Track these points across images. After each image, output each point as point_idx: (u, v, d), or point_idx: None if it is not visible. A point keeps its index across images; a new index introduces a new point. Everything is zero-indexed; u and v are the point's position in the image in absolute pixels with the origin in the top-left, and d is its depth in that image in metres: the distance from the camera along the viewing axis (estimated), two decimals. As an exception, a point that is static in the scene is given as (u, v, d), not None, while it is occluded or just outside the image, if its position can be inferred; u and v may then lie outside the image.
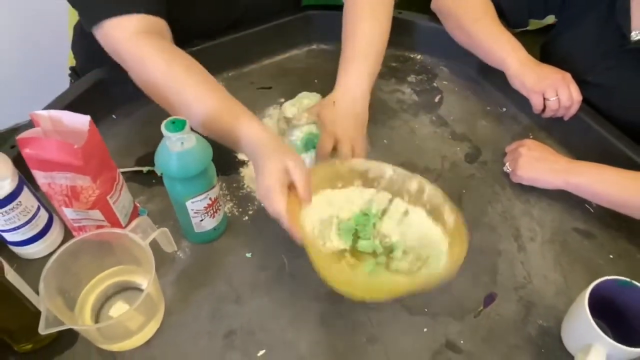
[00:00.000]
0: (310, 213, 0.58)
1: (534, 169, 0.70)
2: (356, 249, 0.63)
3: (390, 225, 0.64)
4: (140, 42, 0.62)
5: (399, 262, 0.61)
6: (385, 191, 0.64)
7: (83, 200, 0.55)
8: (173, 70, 0.62)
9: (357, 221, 0.64)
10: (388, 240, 0.63)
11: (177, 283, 0.61)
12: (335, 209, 0.64)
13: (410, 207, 0.63)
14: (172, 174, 0.53)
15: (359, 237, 0.64)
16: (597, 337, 0.50)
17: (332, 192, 0.63)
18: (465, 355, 0.56)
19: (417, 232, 0.62)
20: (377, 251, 0.63)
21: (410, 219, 0.63)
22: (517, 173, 0.71)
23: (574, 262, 0.64)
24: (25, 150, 0.50)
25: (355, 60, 0.72)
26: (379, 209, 0.64)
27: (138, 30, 0.62)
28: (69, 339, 0.56)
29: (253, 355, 0.56)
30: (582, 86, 0.73)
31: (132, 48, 0.62)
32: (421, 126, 0.81)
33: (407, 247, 0.62)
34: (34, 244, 0.60)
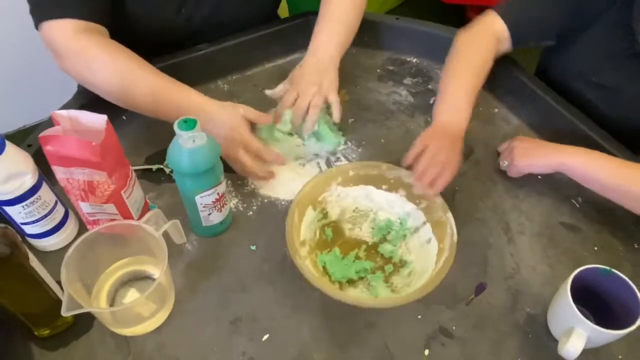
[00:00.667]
0: (347, 197, 0.66)
1: (529, 156, 0.72)
2: (376, 248, 0.68)
3: (415, 244, 0.67)
4: (79, 38, 0.68)
5: (400, 278, 0.65)
6: (423, 212, 0.66)
7: (99, 194, 0.59)
8: (116, 59, 0.69)
9: (393, 226, 0.69)
10: (406, 256, 0.67)
11: (186, 273, 0.65)
12: (375, 205, 0.69)
13: (433, 237, 0.64)
14: (183, 170, 0.57)
15: (385, 240, 0.68)
16: (578, 321, 0.54)
17: (376, 191, 0.69)
18: (457, 341, 0.60)
19: (427, 263, 0.63)
20: (393, 260, 0.67)
21: (429, 248, 0.64)
22: (514, 163, 0.72)
23: (561, 254, 0.68)
24: (46, 148, 0.54)
25: (326, 29, 0.79)
26: (412, 225, 0.68)
27: (74, 30, 0.68)
28: (85, 325, 0.59)
29: (258, 339, 0.59)
30: (586, 86, 0.75)
31: (70, 44, 0.68)
32: (417, 126, 0.85)
33: (414, 270, 0.64)
34: (51, 236, 0.64)
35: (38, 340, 0.58)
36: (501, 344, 0.59)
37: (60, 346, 0.58)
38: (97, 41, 0.69)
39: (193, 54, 0.87)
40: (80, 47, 0.68)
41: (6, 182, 0.54)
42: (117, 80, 0.69)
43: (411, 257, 0.66)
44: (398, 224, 0.69)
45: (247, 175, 0.74)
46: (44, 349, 0.58)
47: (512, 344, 0.59)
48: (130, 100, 0.70)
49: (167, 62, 0.84)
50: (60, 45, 0.68)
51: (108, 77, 0.69)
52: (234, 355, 0.58)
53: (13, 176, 0.55)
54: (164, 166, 0.76)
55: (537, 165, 0.72)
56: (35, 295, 0.53)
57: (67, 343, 0.58)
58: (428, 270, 0.61)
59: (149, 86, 0.69)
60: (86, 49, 0.68)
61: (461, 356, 0.58)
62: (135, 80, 0.69)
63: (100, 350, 0.58)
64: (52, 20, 0.68)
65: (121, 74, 0.69)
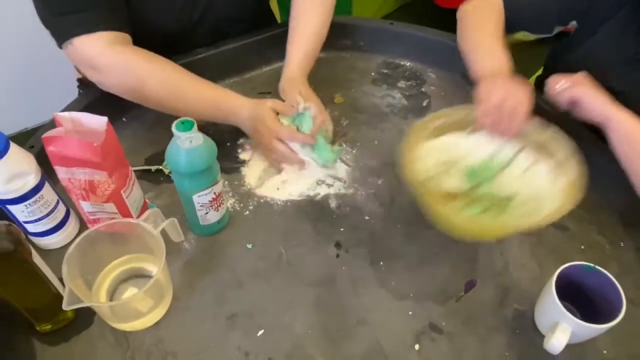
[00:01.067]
0: (429, 155, 0.64)
1: (594, 89, 0.68)
2: (475, 193, 0.66)
3: (513, 175, 0.65)
4: (116, 50, 0.71)
5: (513, 211, 0.63)
6: (515, 141, 0.65)
7: (99, 194, 0.61)
8: (163, 68, 0.73)
9: (482, 167, 0.67)
10: (508, 189, 0.65)
11: (183, 271, 0.67)
12: (461, 151, 0.68)
13: (536, 159, 0.64)
14: (181, 169, 0.59)
15: (480, 182, 0.66)
16: (563, 316, 0.55)
17: (461, 136, 0.67)
18: (446, 336, 0.61)
19: (538, 185, 0.62)
20: (494, 197, 0.65)
21: (535, 170, 0.63)
22: (577, 85, 0.69)
23: (549, 253, 0.70)
24: (49, 148, 0.56)
25: (296, 46, 0.84)
26: (505, 157, 0.66)
27: (107, 43, 0.70)
28: (85, 321, 0.61)
29: (253, 335, 0.61)
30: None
31: (110, 57, 0.70)
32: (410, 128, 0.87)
33: (524, 199, 0.63)
34: (52, 235, 0.66)
35: (40, 336, 0.60)
36: (489, 339, 0.61)
37: (62, 341, 0.60)
38: (136, 51, 0.72)
39: (193, 57, 0.89)
40: (122, 58, 0.70)
41: (10, 181, 0.56)
42: (168, 87, 0.73)
43: (514, 189, 0.65)
44: (489, 161, 0.67)
45: (281, 163, 0.76)
46: (46, 344, 0.59)
47: (500, 339, 0.61)
48: (180, 106, 0.74)
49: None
50: (99, 59, 0.70)
51: (158, 85, 0.72)
52: (229, 350, 0.60)
53: (16, 176, 0.57)
54: (162, 167, 0.78)
55: (588, 103, 0.68)
56: (37, 291, 0.55)
57: (68, 338, 0.60)
58: (543, 190, 0.61)
59: (197, 92, 0.75)
60: (129, 59, 0.71)
61: (450, 351, 0.60)
62: (185, 87, 0.74)
63: (100, 345, 0.59)
64: (81, 36, 0.69)
65: (171, 81, 0.73)
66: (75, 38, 0.69)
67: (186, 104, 0.75)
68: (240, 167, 0.79)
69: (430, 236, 0.71)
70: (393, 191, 0.77)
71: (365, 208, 0.74)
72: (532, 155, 0.64)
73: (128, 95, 0.74)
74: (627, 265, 0.68)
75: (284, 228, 0.72)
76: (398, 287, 0.66)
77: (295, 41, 0.84)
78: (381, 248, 0.70)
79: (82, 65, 0.72)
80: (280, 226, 0.72)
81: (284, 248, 0.69)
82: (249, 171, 0.79)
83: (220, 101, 0.76)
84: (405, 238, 0.71)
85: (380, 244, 0.70)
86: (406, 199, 0.76)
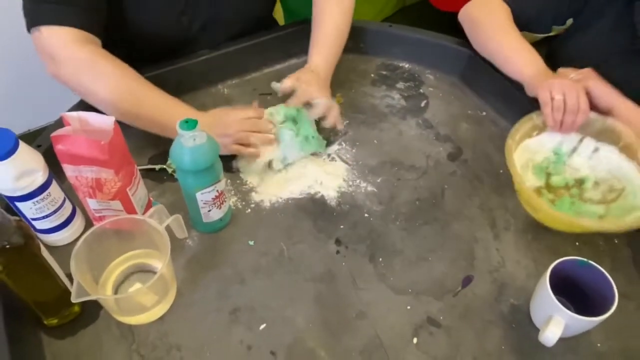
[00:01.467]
0: (515, 162, 0.70)
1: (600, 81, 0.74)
2: (551, 184, 0.75)
3: (581, 160, 0.75)
4: (80, 47, 0.71)
5: (591, 192, 0.73)
6: (576, 132, 0.74)
7: (106, 191, 0.62)
8: (123, 72, 0.73)
9: (549, 160, 0.76)
10: (578, 174, 0.75)
11: (187, 267, 0.68)
12: (530, 153, 0.76)
13: (600, 145, 0.73)
14: (185, 167, 0.60)
15: (550, 174, 0.75)
16: (556, 309, 0.57)
17: (529, 140, 0.76)
18: (444, 329, 0.63)
19: (608, 166, 0.73)
20: (569, 184, 0.74)
21: (600, 155, 0.74)
22: (586, 78, 0.74)
23: (544, 249, 0.71)
24: (57, 146, 0.58)
25: (320, 45, 0.86)
26: (569, 147, 0.75)
27: (74, 39, 0.71)
28: (92, 315, 0.63)
29: (255, 329, 0.62)
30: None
31: (71, 51, 0.71)
32: (408, 128, 0.89)
33: (598, 179, 0.73)
34: (59, 231, 0.67)
35: (47, 329, 0.61)
36: (486, 333, 0.63)
37: (68, 335, 0.61)
38: (102, 52, 0.73)
39: (195, 59, 0.91)
40: (84, 56, 0.71)
41: (19, 179, 0.58)
42: (123, 91, 0.72)
43: (585, 171, 0.75)
44: (553, 155, 0.76)
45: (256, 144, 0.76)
46: (53, 337, 0.61)
47: (496, 332, 0.63)
48: (132, 111, 0.73)
49: (170, 67, 0.88)
50: (60, 51, 0.71)
51: (114, 88, 0.72)
52: (232, 343, 0.61)
53: (25, 173, 0.59)
54: (166, 166, 0.79)
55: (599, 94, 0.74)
56: (46, 284, 0.56)
57: (75, 332, 0.61)
58: (622, 168, 0.71)
59: (152, 99, 0.74)
60: (91, 58, 0.71)
61: (448, 344, 0.62)
62: (140, 93, 0.73)
63: (106, 338, 0.61)
64: (52, 25, 0.70)
65: (129, 87, 0.72)
66: (45, 26, 0.70)
67: (139, 110, 0.73)
68: (240, 166, 0.81)
69: (427, 233, 0.73)
70: (392, 189, 0.78)
71: (365, 206, 0.76)
72: (594, 143, 0.74)
73: (80, 92, 0.74)
74: (620, 261, 0.70)
75: (285, 225, 0.73)
76: (396, 283, 0.67)
77: (319, 40, 0.85)
78: (380, 244, 0.71)
79: (43, 54, 0.72)
80: (282, 223, 0.74)
81: (285, 245, 0.71)
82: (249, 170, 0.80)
83: (174, 111, 0.74)
84: (403, 235, 0.73)
85: (379, 241, 0.72)
86: (404, 197, 0.77)
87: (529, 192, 0.66)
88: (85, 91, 0.74)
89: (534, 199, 0.66)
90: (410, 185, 0.79)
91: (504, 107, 0.89)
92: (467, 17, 0.91)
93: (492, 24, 0.87)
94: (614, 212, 0.70)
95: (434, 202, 0.77)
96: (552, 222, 0.69)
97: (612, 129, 0.73)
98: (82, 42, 0.72)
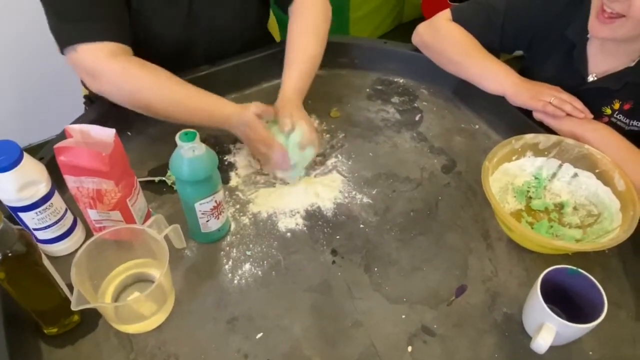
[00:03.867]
0: (492, 184, 0.72)
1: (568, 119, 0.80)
2: (531, 208, 0.77)
3: (560, 185, 0.78)
4: (116, 59, 0.75)
5: (570, 217, 0.76)
6: (555, 158, 0.78)
7: (106, 202, 0.64)
8: (158, 77, 0.77)
9: (529, 184, 0.79)
10: (558, 199, 0.78)
11: (185, 277, 0.69)
12: (510, 177, 0.79)
13: (578, 171, 0.76)
14: (184, 177, 0.62)
15: (531, 198, 0.78)
16: (547, 317, 0.58)
17: (508, 165, 0.78)
18: (438, 338, 0.64)
19: (586, 191, 0.76)
20: (548, 208, 0.77)
21: (579, 181, 0.77)
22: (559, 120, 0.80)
23: (536, 259, 0.72)
24: (60, 158, 0.59)
25: (294, 71, 0.87)
26: (548, 173, 0.79)
27: (109, 53, 0.75)
28: (91, 324, 0.64)
29: (252, 337, 0.63)
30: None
31: (108, 65, 0.74)
32: (403, 141, 0.90)
33: (577, 204, 0.77)
34: (60, 242, 0.68)
35: (47, 339, 0.62)
36: (479, 341, 0.64)
37: (68, 343, 0.62)
38: (135, 61, 0.76)
39: (195, 74, 0.93)
40: (119, 67, 0.74)
41: (22, 189, 0.60)
42: (162, 95, 0.76)
43: (565, 197, 0.78)
44: (534, 179, 0.79)
45: (270, 168, 0.81)
46: (52, 346, 0.62)
47: (489, 341, 0.64)
48: (174, 114, 0.78)
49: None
50: (97, 67, 0.74)
51: (152, 92, 0.76)
52: (230, 352, 0.62)
53: (29, 184, 0.60)
54: (165, 178, 0.81)
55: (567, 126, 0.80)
56: (46, 293, 0.57)
57: (74, 341, 0.62)
58: (598, 194, 0.74)
59: (190, 100, 0.78)
60: (126, 68, 0.75)
61: (442, 353, 0.62)
62: (178, 95, 0.77)
63: (105, 347, 0.62)
64: (85, 44, 0.73)
65: (166, 89, 0.76)
66: (79, 45, 0.73)
67: (179, 111, 0.78)
68: (238, 178, 0.83)
69: (422, 243, 0.74)
70: (387, 201, 0.80)
71: (360, 217, 0.77)
72: (573, 168, 0.77)
73: (124, 102, 0.78)
74: (610, 270, 0.71)
75: (282, 236, 0.75)
76: (391, 292, 0.68)
77: (291, 64, 0.87)
78: (376, 255, 0.72)
79: (81, 72, 0.76)
80: (278, 234, 0.75)
81: (281, 255, 0.72)
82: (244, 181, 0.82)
83: (212, 110, 0.79)
84: (398, 245, 0.74)
85: (375, 251, 0.73)
86: (399, 209, 0.79)
87: (504, 213, 0.67)
88: (127, 100, 0.77)
89: (509, 219, 0.67)
90: (405, 197, 0.81)
91: (496, 120, 0.91)
92: (423, 45, 0.96)
93: (454, 48, 0.91)
94: (590, 236, 0.72)
95: (428, 213, 0.78)
96: (526, 242, 0.71)
97: (589, 155, 0.75)
98: (116, 54, 0.75)
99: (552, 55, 0.88)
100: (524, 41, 0.91)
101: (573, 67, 0.85)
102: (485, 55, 0.88)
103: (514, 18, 0.89)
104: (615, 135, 0.76)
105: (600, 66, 0.83)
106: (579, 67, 0.84)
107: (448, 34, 0.92)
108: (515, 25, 0.89)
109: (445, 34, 0.92)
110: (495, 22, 0.90)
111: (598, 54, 0.83)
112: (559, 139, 0.77)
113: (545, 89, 0.83)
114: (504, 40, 0.91)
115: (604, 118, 0.85)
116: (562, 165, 0.78)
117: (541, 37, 0.89)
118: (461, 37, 0.91)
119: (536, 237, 0.68)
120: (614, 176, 0.73)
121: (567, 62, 0.86)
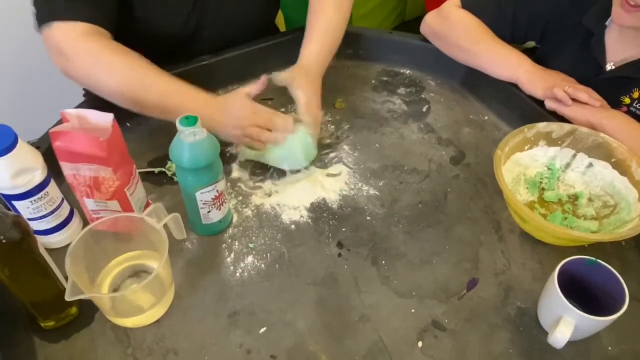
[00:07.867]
0: (504, 175, 0.68)
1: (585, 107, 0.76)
2: (544, 199, 0.74)
3: (574, 176, 0.75)
4: (87, 40, 0.72)
5: (585, 208, 0.73)
6: (569, 148, 0.74)
7: (104, 190, 0.61)
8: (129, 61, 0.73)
9: (542, 175, 0.76)
10: (572, 190, 0.75)
11: (185, 270, 0.67)
12: (522, 167, 0.75)
13: (593, 160, 0.73)
14: (185, 164, 0.59)
15: (544, 190, 0.75)
16: (566, 309, 0.55)
17: (520, 154, 0.74)
18: (449, 333, 0.61)
19: (602, 182, 0.73)
20: (562, 200, 0.74)
21: (594, 171, 0.74)
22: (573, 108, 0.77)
23: (550, 251, 0.70)
24: (56, 143, 0.57)
25: (315, 40, 0.84)
26: (562, 163, 0.76)
27: (82, 33, 0.72)
28: (87, 318, 0.61)
29: (255, 332, 0.61)
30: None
31: (79, 45, 0.71)
32: (410, 133, 0.88)
33: (592, 195, 0.74)
34: (56, 233, 0.66)
35: (40, 332, 0.59)
36: (492, 336, 0.61)
37: (62, 338, 0.59)
38: (109, 44, 0.73)
39: (196, 64, 0.91)
40: (91, 47, 0.71)
41: (17, 176, 0.57)
42: (130, 81, 0.72)
43: (579, 187, 0.75)
44: (547, 170, 0.76)
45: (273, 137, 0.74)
46: (46, 341, 0.59)
47: (503, 335, 0.61)
48: (142, 102, 0.73)
49: (172, 71, 0.88)
50: (69, 45, 0.71)
51: (120, 77, 0.72)
52: (231, 347, 0.59)
53: (24, 171, 0.58)
54: (165, 169, 0.79)
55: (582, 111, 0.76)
56: (43, 283, 0.55)
57: (69, 335, 0.60)
58: (614, 184, 0.71)
59: (161, 89, 0.73)
60: (97, 50, 0.72)
61: (453, 348, 0.60)
62: (149, 82, 0.73)
63: (101, 342, 0.59)
64: (61, 21, 0.71)
65: (135, 75, 0.72)
66: (55, 22, 0.71)
67: (147, 96, 0.73)
68: (241, 169, 0.80)
69: (431, 236, 0.72)
70: (394, 192, 0.77)
71: (367, 209, 0.75)
72: (587, 158, 0.74)
73: (88, 85, 0.75)
74: (628, 262, 0.68)
75: (286, 228, 0.72)
76: (400, 286, 0.66)
77: (312, 34, 0.84)
78: (383, 247, 0.70)
79: (52, 49, 0.73)
80: (282, 226, 0.72)
81: (285, 248, 0.70)
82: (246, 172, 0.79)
83: (188, 93, 0.74)
84: (406, 238, 0.71)
85: (382, 244, 0.70)
86: (407, 200, 0.76)
87: (517, 203, 0.65)
88: (93, 83, 0.74)
89: (523, 209, 0.64)
90: (413, 189, 0.78)
91: (506, 111, 0.89)
92: (432, 34, 0.94)
93: (465, 36, 0.88)
94: (606, 228, 0.69)
95: (437, 205, 0.76)
96: (541, 234, 0.68)
97: (604, 144, 0.73)
98: (91, 35, 0.72)
99: (568, 45, 0.85)
100: (537, 30, 0.88)
101: (590, 56, 0.82)
102: (496, 41, 0.86)
103: (526, 5, 0.86)
104: (634, 123, 0.74)
105: (619, 54, 0.81)
106: (597, 56, 0.81)
107: (458, 21, 0.89)
108: (528, 13, 0.87)
109: (454, 21, 0.89)
110: (506, 9, 0.87)
111: (616, 42, 0.80)
112: (573, 127, 0.74)
113: (560, 80, 0.80)
114: (516, 28, 0.89)
115: (623, 107, 0.82)
116: (576, 155, 0.75)
117: (556, 26, 0.86)
118: (471, 23, 0.88)
119: (552, 228, 0.65)
120: (631, 165, 0.70)
121: (583, 52, 0.83)
